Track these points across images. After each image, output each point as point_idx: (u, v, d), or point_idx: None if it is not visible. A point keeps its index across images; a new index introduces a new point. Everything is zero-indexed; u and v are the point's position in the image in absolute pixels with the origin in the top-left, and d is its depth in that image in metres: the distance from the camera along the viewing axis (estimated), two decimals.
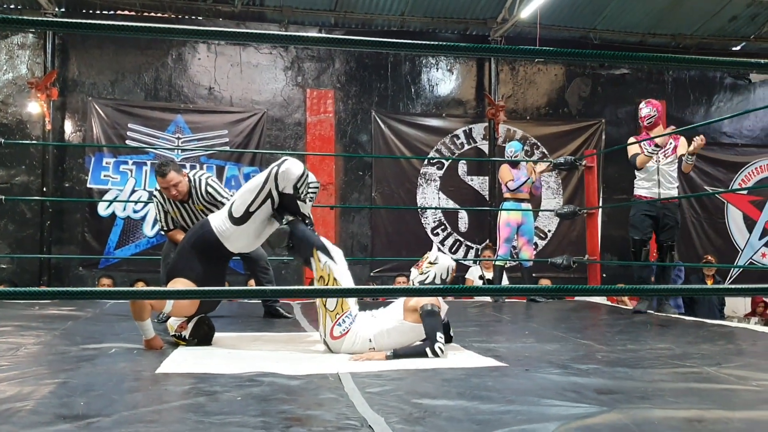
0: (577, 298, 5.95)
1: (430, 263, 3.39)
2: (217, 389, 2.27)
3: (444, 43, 2.74)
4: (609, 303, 5.81)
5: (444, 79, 8.94)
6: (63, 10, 8.06)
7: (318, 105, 8.49)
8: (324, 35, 8.45)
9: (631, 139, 5.31)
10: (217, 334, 3.61)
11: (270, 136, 8.46)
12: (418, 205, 8.66)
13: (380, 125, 8.67)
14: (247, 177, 8.29)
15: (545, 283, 7.79)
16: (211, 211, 3.91)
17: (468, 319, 4.76)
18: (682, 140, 5.11)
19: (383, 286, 4.25)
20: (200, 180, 4.19)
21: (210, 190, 4.19)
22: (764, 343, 3.65)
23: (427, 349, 3.00)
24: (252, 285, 7.56)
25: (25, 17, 2.99)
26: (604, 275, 7.45)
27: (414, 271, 3.44)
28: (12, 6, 8.11)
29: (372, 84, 8.73)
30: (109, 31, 1.84)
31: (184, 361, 2.83)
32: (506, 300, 5.92)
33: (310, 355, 3.17)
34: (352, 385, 2.38)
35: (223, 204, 3.98)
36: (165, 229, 4.37)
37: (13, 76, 7.98)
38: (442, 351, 3.00)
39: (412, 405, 2.13)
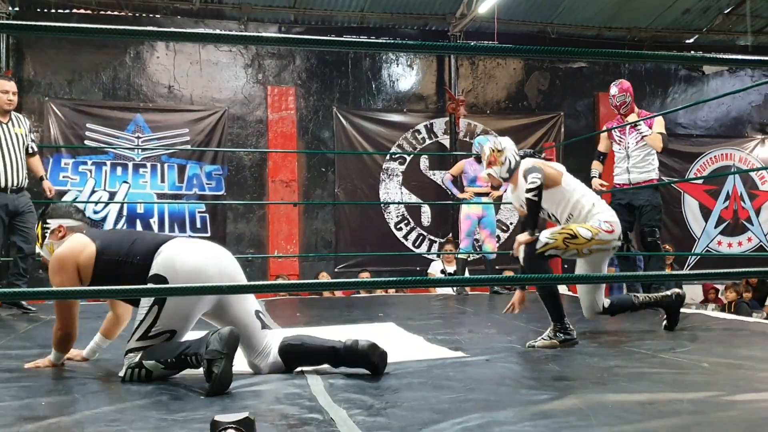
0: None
1: (500, 151, 3.45)
2: (180, 388, 2.28)
3: (403, 42, 2.77)
4: (570, 293, 5.93)
5: (404, 74, 9.00)
6: (17, 9, 7.90)
7: (279, 102, 8.48)
8: (283, 35, 8.42)
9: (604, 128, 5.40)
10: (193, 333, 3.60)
11: (231, 134, 8.42)
12: (381, 201, 8.71)
13: (342, 121, 8.69)
14: (209, 175, 8.26)
15: (508, 275, 7.90)
16: (24, 146, 4.60)
17: (431, 311, 4.82)
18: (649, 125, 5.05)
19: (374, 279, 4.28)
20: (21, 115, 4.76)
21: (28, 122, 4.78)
22: (718, 327, 3.77)
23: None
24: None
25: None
26: (566, 266, 7.60)
27: (494, 169, 3.46)
28: None
29: (333, 80, 8.75)
30: (66, 33, 1.84)
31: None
32: (469, 292, 6.01)
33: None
34: (315, 379, 2.41)
35: (32, 145, 4.73)
36: None
37: None
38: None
39: (374, 397, 2.17)
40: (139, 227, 8.00)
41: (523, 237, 3.27)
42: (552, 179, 3.35)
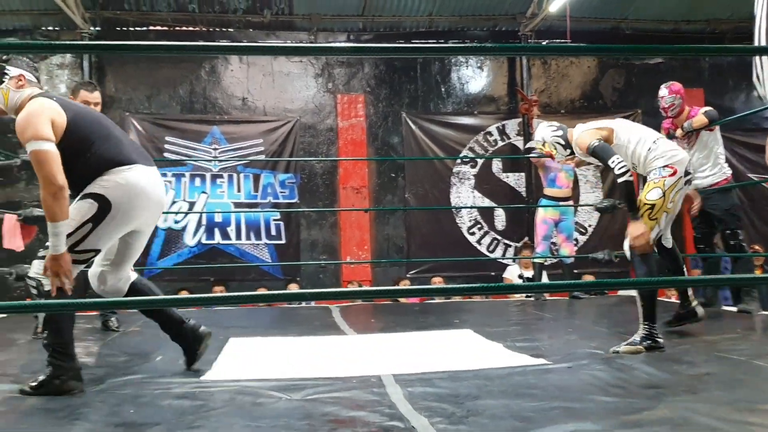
0: (620, 292, 5.87)
1: (543, 145, 3.59)
2: (261, 394, 2.30)
3: (472, 44, 2.73)
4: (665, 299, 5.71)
5: (474, 76, 8.92)
6: (98, 29, 8.24)
7: (349, 110, 8.55)
8: (349, 44, 8.50)
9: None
10: (258, 339, 3.67)
11: (303, 142, 8.53)
12: (453, 205, 8.64)
13: (411, 126, 8.67)
14: (282, 183, 8.39)
15: (588, 279, 7.68)
16: None
17: (509, 317, 4.73)
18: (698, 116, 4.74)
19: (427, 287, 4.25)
20: None
21: None
22: None
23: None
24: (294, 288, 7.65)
25: (64, 42, 3.09)
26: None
27: (558, 157, 3.62)
28: (50, 27, 8.33)
29: (402, 86, 8.75)
30: (143, 52, 1.88)
31: (229, 368, 2.87)
32: (547, 297, 5.87)
33: (352, 358, 3.18)
34: (394, 387, 2.39)
35: None
36: None
37: (70, 87, 8.17)
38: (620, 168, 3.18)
39: (454, 405, 2.13)
40: (217, 236, 8.20)
41: (638, 229, 3.20)
42: (606, 140, 3.38)
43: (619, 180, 3.19)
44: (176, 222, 8.26)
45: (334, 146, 8.54)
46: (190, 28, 8.38)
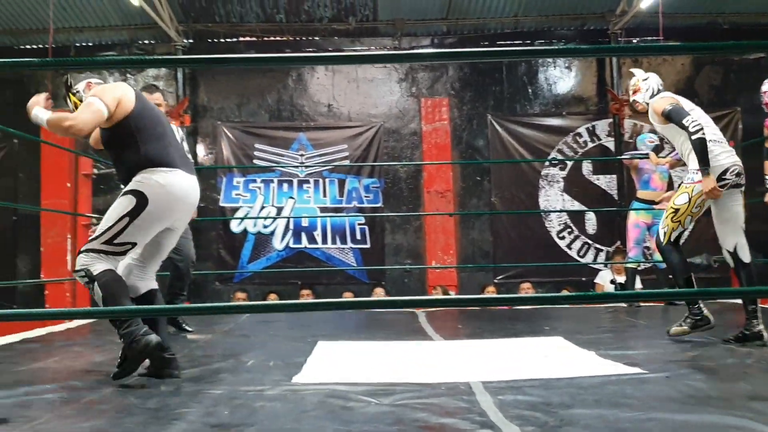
0: (720, 300, 5.59)
1: (644, 80, 3.82)
2: (351, 398, 2.31)
3: (557, 47, 2.66)
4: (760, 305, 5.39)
5: (562, 76, 8.72)
6: (191, 41, 8.57)
7: (433, 113, 8.53)
8: (432, 50, 8.49)
9: None
10: (346, 343, 3.69)
11: (387, 147, 8.58)
12: (541, 208, 8.47)
13: (497, 129, 8.57)
14: (367, 188, 8.47)
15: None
16: None
17: (601, 324, 4.59)
18: None
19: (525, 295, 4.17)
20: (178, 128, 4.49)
21: (183, 135, 4.50)
22: None
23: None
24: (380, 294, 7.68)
25: (160, 56, 3.22)
26: None
27: (639, 96, 3.83)
28: (146, 41, 8.72)
29: (487, 88, 8.66)
30: (232, 64, 1.93)
31: (319, 371, 2.90)
32: (641, 304, 5.65)
33: (440, 364, 3.16)
34: (484, 394, 2.35)
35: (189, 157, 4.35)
36: None
37: (147, 89, 8.54)
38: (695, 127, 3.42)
39: (546, 414, 2.07)
40: (304, 240, 8.35)
41: (708, 184, 3.42)
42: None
43: (693, 137, 3.41)
44: (265, 227, 8.47)
45: (418, 150, 8.54)
46: (278, 38, 8.58)
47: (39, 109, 2.75)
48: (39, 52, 8.51)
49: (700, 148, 3.40)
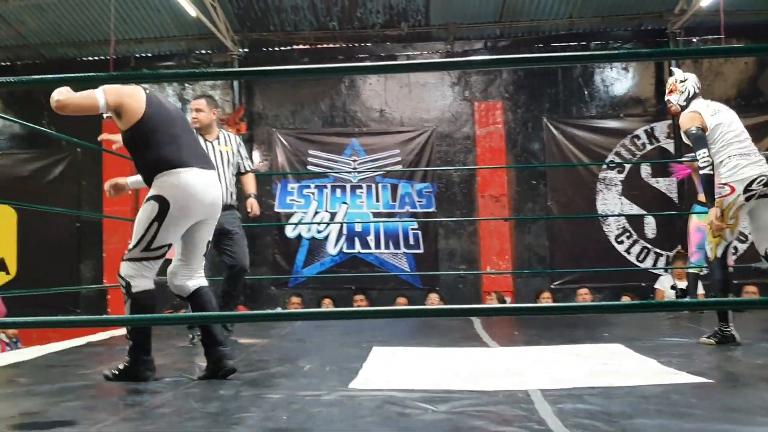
0: None
1: (682, 81, 3.91)
2: (407, 405, 2.30)
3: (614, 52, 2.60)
4: None
5: (619, 78, 8.53)
6: (246, 50, 8.72)
7: (486, 117, 8.46)
8: (482, 57, 8.40)
9: None
10: (401, 349, 3.68)
11: (440, 151, 8.54)
12: (599, 212, 8.29)
13: (552, 131, 8.45)
14: (420, 193, 8.44)
15: (751, 290, 7.08)
16: (230, 164, 4.38)
17: (662, 331, 4.46)
18: None
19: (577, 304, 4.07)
20: (233, 134, 4.64)
21: (241, 142, 4.61)
22: None
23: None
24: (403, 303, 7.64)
25: (215, 70, 3.28)
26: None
27: (673, 96, 3.92)
28: (203, 51, 8.92)
29: (542, 90, 8.55)
30: (286, 76, 1.95)
31: (374, 377, 2.90)
32: (704, 311, 5.47)
33: (497, 371, 3.12)
34: (542, 402, 2.31)
35: (243, 164, 4.50)
36: None
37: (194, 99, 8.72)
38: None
39: (607, 423, 2.03)
40: (357, 245, 8.38)
41: (711, 215, 3.67)
42: (705, 128, 3.76)
43: (700, 172, 3.69)
44: (319, 232, 8.53)
45: (472, 154, 8.48)
46: (331, 45, 8.66)
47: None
48: (101, 64, 8.78)
49: (706, 182, 3.70)
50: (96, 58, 8.97)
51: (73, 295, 8.65)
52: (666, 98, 3.97)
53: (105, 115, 2.94)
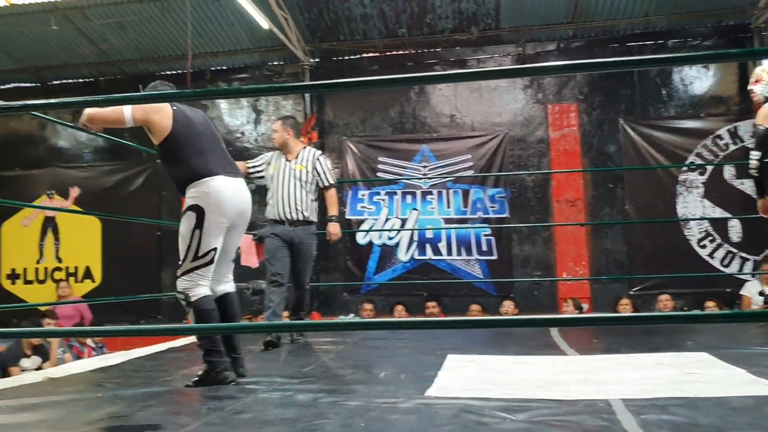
0: None
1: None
2: (485, 414, 2.27)
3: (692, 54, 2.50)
4: None
5: (699, 76, 8.21)
6: (317, 60, 8.84)
7: (560, 120, 8.29)
8: (553, 63, 8.28)
9: None
10: (476, 357, 3.64)
11: (513, 155, 8.43)
12: (679, 216, 7.99)
13: (629, 133, 8.20)
14: (492, 198, 8.34)
15: None
16: (306, 182, 4.57)
17: (750, 340, 4.26)
18: None
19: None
20: (316, 151, 4.78)
21: (321, 159, 4.72)
22: None
23: None
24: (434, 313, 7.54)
25: (287, 84, 3.34)
26: None
27: (758, 86, 3.90)
28: (275, 62, 9.10)
29: (617, 91, 8.31)
30: (356, 88, 1.96)
31: (450, 385, 2.87)
32: None
33: (576, 379, 3.04)
34: (625, 413, 2.24)
35: (321, 180, 4.65)
36: (249, 166, 4.79)
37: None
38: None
39: None
40: (429, 252, 8.35)
41: (761, 205, 3.89)
42: None
43: (749, 171, 3.86)
44: (390, 238, 8.55)
45: (546, 158, 8.33)
46: (400, 52, 8.68)
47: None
48: (178, 77, 9.09)
49: (755, 180, 3.98)
50: (174, 72, 9.28)
51: (155, 302, 8.96)
52: (749, 87, 3.89)
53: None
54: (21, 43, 8.94)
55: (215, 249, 2.99)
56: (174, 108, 3.06)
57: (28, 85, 9.73)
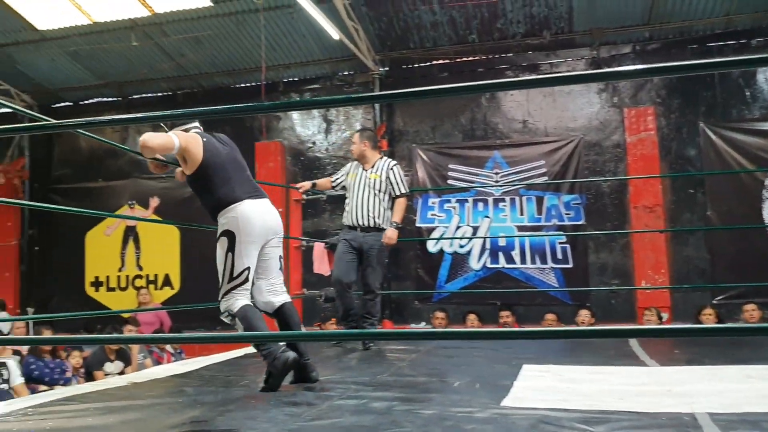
0: None
1: None
2: (564, 425, 2.22)
3: None
4: None
5: None
6: (386, 69, 8.89)
7: (637, 124, 8.04)
8: (632, 68, 8.06)
9: None
10: (552, 367, 3.56)
11: (588, 161, 8.23)
12: (766, 222, 7.62)
13: (710, 137, 7.89)
14: (567, 205, 8.17)
15: None
16: (379, 191, 4.75)
17: None
18: None
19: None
20: (390, 161, 4.95)
21: (395, 169, 4.87)
22: None
23: None
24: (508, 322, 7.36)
25: (362, 95, 3.37)
26: None
27: None
28: (346, 72, 9.20)
29: (697, 94, 8.01)
30: (429, 96, 1.97)
31: (527, 395, 2.82)
32: None
33: (658, 391, 2.93)
34: (712, 427, 2.14)
35: (394, 189, 4.80)
36: (332, 180, 5.12)
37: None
38: None
39: None
40: (502, 260, 8.24)
41: None
42: None
43: None
44: (461, 246, 8.48)
45: (623, 163, 8.10)
46: (471, 58, 8.62)
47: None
48: (252, 90, 9.31)
49: None
50: (248, 84, 9.51)
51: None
52: None
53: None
54: (103, 59, 9.35)
55: (248, 268, 3.19)
56: (204, 139, 3.27)
57: (111, 99, 10.16)
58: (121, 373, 6.23)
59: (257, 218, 3.21)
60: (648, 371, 3.55)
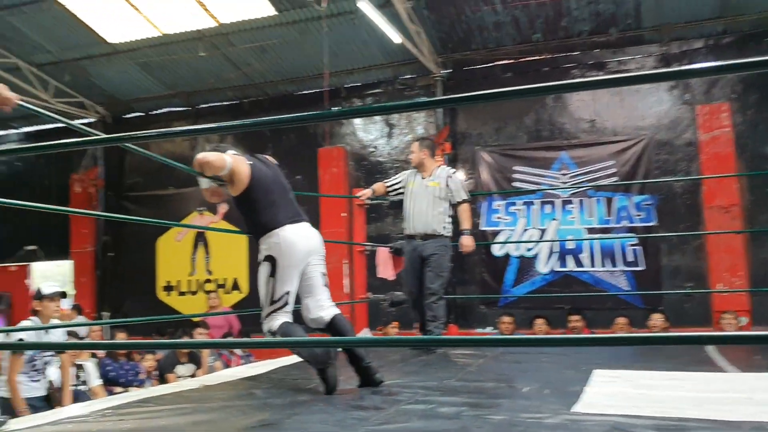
0: None
1: None
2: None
3: None
4: None
5: None
6: (449, 71, 8.85)
7: (711, 121, 7.74)
8: (705, 65, 7.78)
9: None
10: (624, 372, 3.46)
11: (659, 161, 7.98)
12: None
13: None
14: (638, 206, 7.94)
15: None
16: (439, 198, 4.80)
17: None
18: None
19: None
20: (449, 169, 5.07)
21: (454, 176, 4.94)
22: None
23: None
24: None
25: (424, 100, 3.35)
26: None
27: None
28: (407, 76, 9.20)
29: None
30: (490, 100, 1.93)
31: (598, 401, 2.74)
32: None
33: (737, 399, 2.80)
34: None
35: (454, 196, 4.83)
36: (387, 185, 5.15)
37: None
38: None
39: None
40: (570, 263, 8.08)
41: None
42: None
43: None
44: (528, 250, 8.35)
45: (695, 162, 7.82)
46: (535, 57, 8.49)
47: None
48: (315, 96, 9.41)
49: None
50: (311, 91, 9.62)
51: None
52: None
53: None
54: (172, 69, 9.64)
55: (288, 292, 3.25)
56: (250, 163, 3.36)
57: (180, 109, 10.46)
58: (192, 375, 6.39)
59: (298, 243, 3.27)
60: (726, 378, 3.41)
